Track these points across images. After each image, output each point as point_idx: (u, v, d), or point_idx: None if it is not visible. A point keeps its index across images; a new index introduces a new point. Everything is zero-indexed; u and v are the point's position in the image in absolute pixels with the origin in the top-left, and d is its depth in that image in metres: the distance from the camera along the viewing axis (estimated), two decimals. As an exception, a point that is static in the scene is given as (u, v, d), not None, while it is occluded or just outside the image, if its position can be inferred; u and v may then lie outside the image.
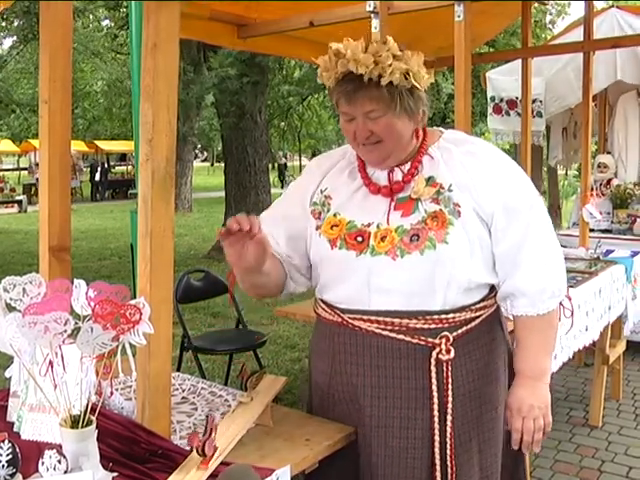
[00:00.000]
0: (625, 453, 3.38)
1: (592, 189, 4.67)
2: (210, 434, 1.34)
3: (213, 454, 1.34)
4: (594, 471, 3.20)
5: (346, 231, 1.62)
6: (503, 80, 5.40)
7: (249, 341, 3.87)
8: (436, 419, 1.58)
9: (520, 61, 4.42)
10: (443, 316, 1.58)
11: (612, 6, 5.70)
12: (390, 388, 1.60)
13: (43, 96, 1.66)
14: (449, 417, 1.58)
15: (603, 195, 5.19)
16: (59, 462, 1.23)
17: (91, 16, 17.54)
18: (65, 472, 1.23)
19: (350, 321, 1.62)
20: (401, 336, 1.58)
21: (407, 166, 1.64)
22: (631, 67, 5.00)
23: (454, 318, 1.59)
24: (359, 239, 1.60)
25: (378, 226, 1.59)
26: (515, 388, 1.66)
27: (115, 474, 1.32)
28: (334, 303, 1.67)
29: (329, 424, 1.65)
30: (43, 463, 1.23)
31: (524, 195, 1.61)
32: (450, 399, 1.58)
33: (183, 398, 1.84)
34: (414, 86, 1.54)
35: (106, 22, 18.55)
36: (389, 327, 1.58)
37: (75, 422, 1.28)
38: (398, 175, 1.64)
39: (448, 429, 1.59)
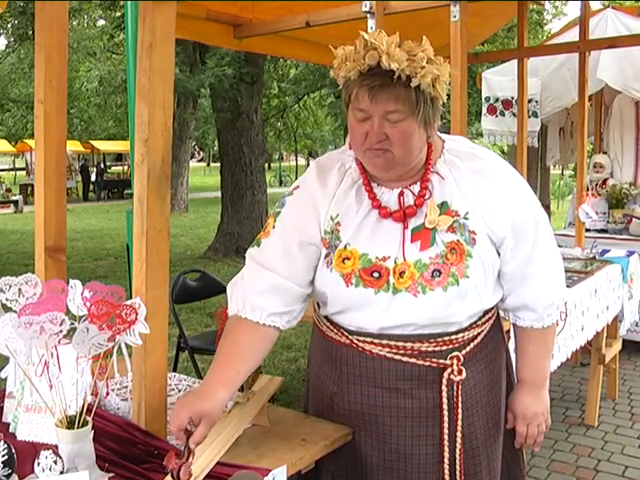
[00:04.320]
0: (621, 452, 3.38)
1: (588, 189, 4.68)
2: (188, 458, 1.28)
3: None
4: (590, 470, 3.20)
5: (360, 266, 1.51)
6: (499, 80, 5.41)
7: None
8: (446, 436, 1.56)
9: (516, 61, 4.42)
10: (453, 337, 1.55)
11: (608, 7, 5.71)
12: (402, 408, 1.56)
13: (39, 96, 1.66)
14: (459, 434, 1.57)
15: (599, 195, 5.20)
16: (55, 463, 1.23)
17: (86, 16, 17.52)
18: (61, 473, 1.23)
19: (359, 344, 1.57)
20: (413, 360, 1.54)
21: (417, 187, 1.54)
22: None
23: (463, 337, 1.57)
24: (375, 275, 1.50)
25: (395, 261, 1.50)
26: (519, 395, 1.69)
27: (111, 475, 1.32)
28: (342, 325, 1.60)
29: (325, 424, 1.65)
30: (39, 464, 1.23)
31: (530, 212, 1.57)
32: (460, 416, 1.56)
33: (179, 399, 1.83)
34: (436, 96, 1.44)
35: (101, 22, 18.51)
36: (401, 351, 1.54)
37: (71, 423, 1.28)
38: (409, 198, 1.53)
39: (458, 445, 1.57)
